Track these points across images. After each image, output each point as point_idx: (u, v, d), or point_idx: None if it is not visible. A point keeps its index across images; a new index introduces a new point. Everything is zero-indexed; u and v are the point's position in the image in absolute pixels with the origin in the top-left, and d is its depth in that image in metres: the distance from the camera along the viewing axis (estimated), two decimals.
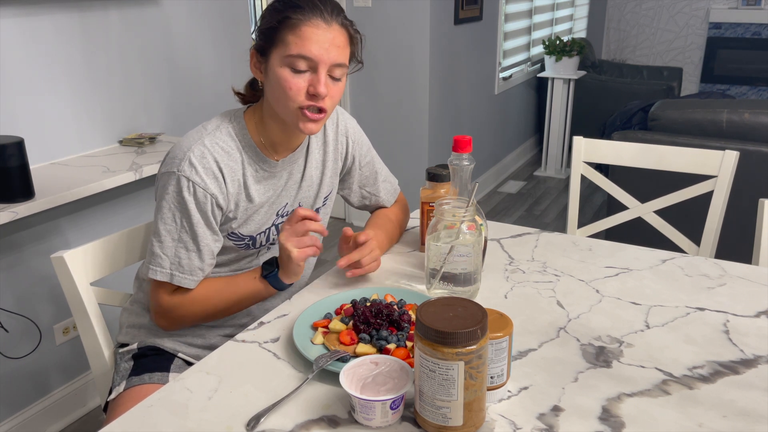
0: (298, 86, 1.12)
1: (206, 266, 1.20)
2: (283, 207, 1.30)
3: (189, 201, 1.15)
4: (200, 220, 1.17)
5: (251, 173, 1.23)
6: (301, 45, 1.10)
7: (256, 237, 1.28)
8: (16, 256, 1.93)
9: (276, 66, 1.13)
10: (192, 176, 1.15)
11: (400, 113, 3.52)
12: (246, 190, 1.23)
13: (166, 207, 1.16)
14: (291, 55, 1.11)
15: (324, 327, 1.07)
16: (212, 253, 1.20)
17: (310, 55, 1.10)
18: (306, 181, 1.32)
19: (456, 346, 0.78)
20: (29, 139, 1.89)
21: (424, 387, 0.81)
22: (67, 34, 2.01)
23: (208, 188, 1.16)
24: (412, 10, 3.30)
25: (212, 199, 1.17)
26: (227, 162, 1.19)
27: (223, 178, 1.18)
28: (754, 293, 1.21)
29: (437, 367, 0.79)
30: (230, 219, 1.22)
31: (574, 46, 4.38)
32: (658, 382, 0.93)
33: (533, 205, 4.19)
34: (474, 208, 1.11)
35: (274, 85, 1.14)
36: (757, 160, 2.43)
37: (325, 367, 0.95)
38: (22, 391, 2.00)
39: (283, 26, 1.11)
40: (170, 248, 1.17)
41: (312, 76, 1.13)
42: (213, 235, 1.20)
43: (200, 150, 1.16)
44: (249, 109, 1.25)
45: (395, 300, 1.15)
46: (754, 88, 5.98)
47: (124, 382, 1.25)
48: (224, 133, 1.21)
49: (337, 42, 1.13)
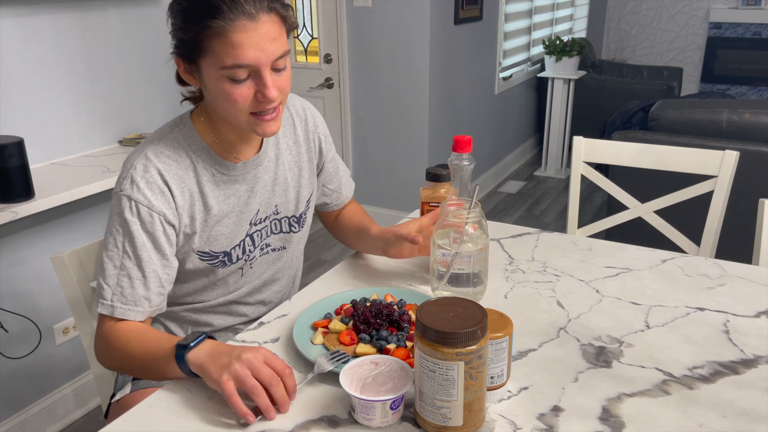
0: (244, 95, 1.02)
1: (153, 295, 1.08)
2: (255, 214, 1.19)
3: (132, 222, 1.05)
4: (146, 243, 1.06)
5: (207, 178, 1.12)
6: (234, 55, 0.98)
7: (231, 252, 1.18)
8: (16, 256, 1.93)
9: (211, 77, 1.02)
10: (134, 194, 1.05)
11: (400, 113, 3.52)
12: (203, 199, 1.12)
13: (109, 232, 1.07)
14: (226, 66, 0.99)
15: (324, 327, 1.07)
16: (159, 281, 1.08)
17: (247, 62, 0.98)
18: (279, 185, 1.22)
19: (456, 346, 0.78)
20: (29, 139, 1.89)
21: (424, 387, 0.81)
22: (67, 34, 2.01)
23: (154, 206, 1.06)
24: (412, 10, 3.30)
25: (160, 218, 1.06)
26: (175, 171, 1.09)
27: (170, 191, 1.08)
28: (754, 293, 1.21)
29: (437, 367, 0.79)
30: (190, 235, 1.12)
31: (574, 46, 4.38)
32: (658, 382, 0.93)
33: (533, 205, 4.19)
34: (480, 210, 1.10)
35: (216, 96, 1.04)
36: (757, 160, 2.43)
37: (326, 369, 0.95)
38: (22, 391, 2.00)
39: (205, 36, 0.98)
40: (112, 277, 1.05)
41: (255, 81, 1.02)
42: (162, 260, 1.08)
43: (142, 164, 1.07)
44: (197, 108, 1.15)
45: (395, 300, 1.15)
46: (754, 88, 5.98)
47: (130, 384, 1.23)
48: (170, 140, 1.11)
49: (271, 34, 1.00)
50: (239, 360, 0.87)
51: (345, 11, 3.44)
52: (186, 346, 0.92)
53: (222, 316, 1.27)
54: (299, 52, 3.76)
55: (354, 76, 3.57)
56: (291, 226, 1.28)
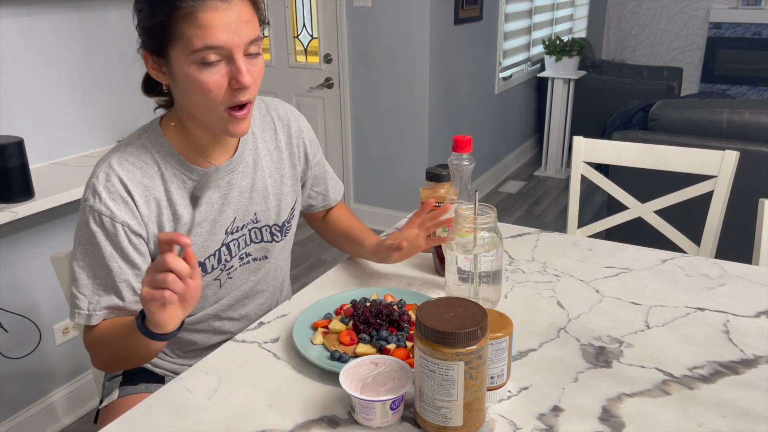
0: (217, 83, 0.96)
1: (129, 304, 1.06)
2: (231, 223, 1.14)
3: (97, 233, 1.02)
4: (113, 254, 1.03)
5: (177, 185, 1.08)
6: (203, 36, 0.93)
7: (205, 262, 1.12)
8: (16, 256, 1.93)
9: (182, 66, 0.96)
10: (96, 205, 1.01)
11: (400, 113, 3.52)
12: (171, 207, 1.07)
13: (77, 242, 1.04)
14: (196, 50, 0.93)
15: (324, 327, 1.07)
16: (133, 290, 1.05)
17: (219, 43, 0.93)
18: (258, 192, 1.17)
19: (456, 346, 0.78)
20: (29, 139, 1.89)
21: (424, 387, 0.81)
22: (67, 34, 2.01)
23: (116, 216, 1.02)
24: (412, 10, 3.30)
25: (123, 228, 1.02)
26: (139, 179, 1.04)
27: (133, 200, 1.03)
28: (754, 293, 1.21)
29: (437, 367, 0.79)
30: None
31: (574, 46, 4.38)
32: (658, 382, 0.93)
33: (533, 205, 4.19)
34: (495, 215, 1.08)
35: (187, 89, 0.98)
36: (757, 160, 2.43)
37: (325, 367, 0.96)
38: (22, 391, 2.00)
39: (174, 19, 0.93)
40: (87, 287, 1.03)
41: (229, 66, 0.96)
42: (132, 269, 1.04)
43: (105, 173, 1.03)
44: (165, 115, 1.11)
45: (395, 300, 1.15)
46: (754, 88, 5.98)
47: (117, 390, 1.21)
48: (136, 147, 1.06)
49: (243, 17, 0.95)
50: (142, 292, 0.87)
51: (345, 11, 3.44)
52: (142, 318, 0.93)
53: (205, 334, 1.23)
54: (299, 52, 3.76)
55: (354, 76, 3.57)
56: (273, 234, 1.22)
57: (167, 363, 1.26)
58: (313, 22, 3.64)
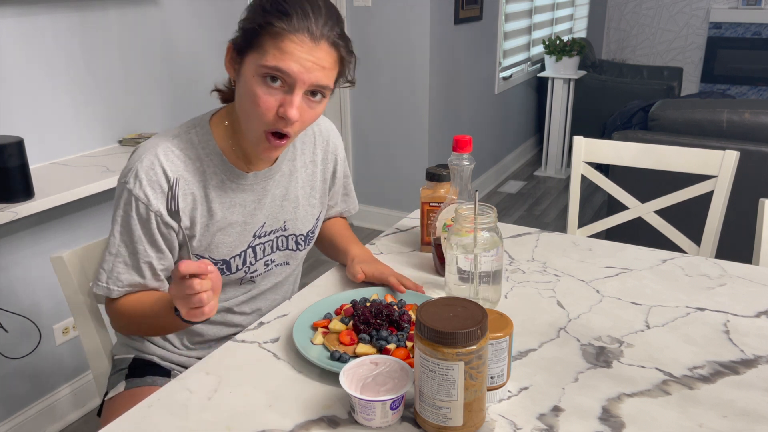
0: (268, 104, 1.00)
1: (148, 281, 1.11)
2: (260, 227, 1.19)
3: (131, 216, 1.07)
4: (142, 237, 1.08)
5: (215, 184, 1.12)
6: (279, 58, 0.97)
7: (230, 261, 1.17)
8: (16, 256, 1.93)
9: (249, 73, 1.01)
10: (135, 190, 1.06)
11: (400, 113, 3.52)
12: (207, 203, 1.12)
13: (112, 219, 1.10)
14: (267, 65, 0.98)
15: (324, 327, 1.07)
16: (154, 270, 1.11)
17: (288, 70, 0.97)
18: (290, 201, 1.22)
19: (456, 346, 0.78)
20: (29, 139, 1.89)
21: (424, 387, 0.81)
22: (67, 34, 2.01)
23: (151, 205, 1.06)
24: (412, 10, 3.30)
25: (156, 217, 1.07)
26: (181, 172, 1.08)
27: (172, 192, 1.07)
28: (754, 293, 1.21)
29: (437, 367, 0.79)
30: (189, 237, 1.12)
31: (574, 46, 4.38)
32: (658, 382, 0.93)
33: (533, 205, 4.19)
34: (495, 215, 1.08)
35: (244, 94, 1.03)
36: (757, 160, 2.43)
37: (325, 367, 0.96)
38: (22, 391, 2.00)
39: (264, 31, 0.98)
40: (108, 262, 1.10)
41: (285, 95, 1.00)
42: (157, 252, 1.10)
43: (150, 160, 1.07)
44: (221, 111, 1.15)
45: (395, 300, 1.15)
46: (754, 88, 5.98)
47: (124, 382, 1.23)
48: (183, 140, 1.10)
49: (322, 63, 1.00)
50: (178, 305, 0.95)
51: (345, 11, 3.44)
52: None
53: (217, 326, 1.26)
54: None
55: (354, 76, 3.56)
56: (297, 243, 1.27)
57: (174, 356, 1.27)
58: None
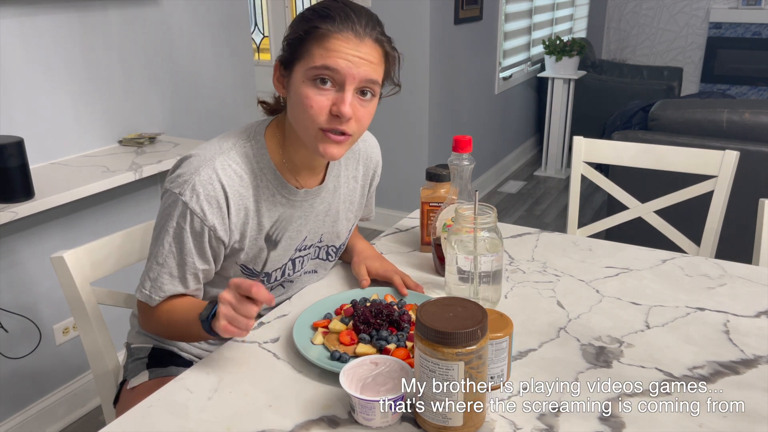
0: (320, 104, 1.01)
1: (191, 291, 1.12)
2: (302, 241, 1.20)
3: (185, 229, 1.06)
4: (192, 250, 1.07)
5: (267, 198, 1.12)
6: (326, 56, 0.99)
7: (272, 273, 1.19)
8: (16, 256, 1.93)
9: (299, 80, 1.02)
10: (192, 204, 1.05)
11: (400, 113, 3.52)
12: (258, 218, 1.12)
13: (160, 227, 1.09)
14: (315, 66, 1.00)
15: (324, 327, 1.07)
16: (198, 279, 1.12)
17: (336, 66, 0.99)
18: (331, 216, 1.23)
19: (456, 346, 0.78)
20: (29, 139, 1.89)
21: (424, 387, 0.81)
22: (67, 34, 2.01)
23: (207, 220, 1.05)
24: (412, 10, 3.30)
25: (210, 232, 1.07)
26: (237, 188, 1.08)
27: (228, 206, 1.07)
28: (754, 293, 1.21)
29: (437, 367, 0.79)
30: (237, 250, 1.13)
31: (574, 46, 4.38)
32: (658, 382, 0.93)
33: (533, 205, 4.19)
34: (495, 215, 1.08)
35: (295, 102, 1.04)
36: (757, 160, 2.43)
37: (325, 367, 0.96)
38: (22, 391, 2.00)
39: (310, 37, 1.01)
40: (153, 271, 1.09)
41: (337, 94, 1.01)
42: (204, 264, 1.10)
43: (208, 174, 1.05)
44: (272, 123, 1.15)
45: (395, 300, 1.15)
46: (754, 88, 5.97)
47: (146, 372, 1.22)
48: (239, 153, 1.09)
49: (369, 58, 1.02)
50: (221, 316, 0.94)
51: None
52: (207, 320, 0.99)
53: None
54: None
55: None
56: (328, 254, 1.28)
57: (195, 349, 1.28)
58: None
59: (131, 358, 1.29)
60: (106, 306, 1.34)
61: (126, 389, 1.24)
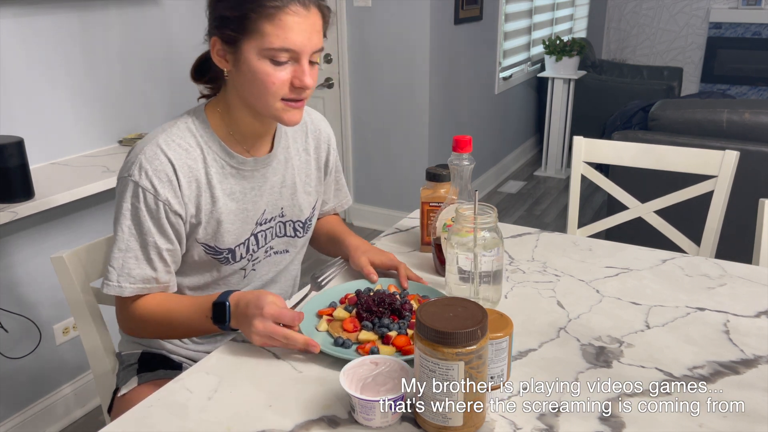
0: (281, 80, 1.04)
1: (160, 274, 1.11)
2: (262, 214, 1.21)
3: (140, 209, 1.07)
4: (151, 228, 1.08)
5: (216, 170, 1.13)
6: (283, 37, 1.01)
7: (235, 249, 1.18)
8: (16, 256, 1.92)
9: (252, 59, 1.03)
10: (142, 181, 1.06)
11: (400, 113, 3.52)
12: (210, 190, 1.13)
13: (116, 215, 1.09)
14: (273, 48, 1.01)
15: (328, 315, 1.11)
16: (165, 262, 1.11)
17: (294, 47, 1.02)
18: (287, 188, 1.24)
19: (456, 346, 0.78)
20: (29, 139, 1.89)
21: (424, 387, 0.81)
22: (67, 34, 2.01)
23: (159, 194, 1.06)
24: (412, 10, 3.30)
25: (165, 206, 1.07)
26: (184, 160, 1.09)
27: (178, 180, 1.08)
28: (754, 293, 1.21)
29: (437, 367, 0.79)
30: (195, 225, 1.13)
31: (574, 46, 4.38)
32: (658, 382, 0.93)
33: (533, 205, 4.19)
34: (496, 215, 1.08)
35: (251, 79, 1.05)
36: (757, 160, 2.43)
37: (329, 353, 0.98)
38: (22, 391, 2.00)
39: (258, 15, 1.01)
40: (117, 260, 1.08)
41: (294, 66, 1.05)
42: (167, 243, 1.10)
43: (152, 150, 1.07)
44: (211, 101, 1.17)
45: (398, 290, 1.17)
46: (754, 88, 5.97)
47: (136, 378, 1.23)
48: (182, 129, 1.12)
49: (316, 27, 1.05)
50: (254, 332, 0.98)
51: (345, 11, 3.44)
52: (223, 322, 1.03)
53: None
54: None
55: (354, 76, 3.57)
56: (296, 230, 1.29)
57: (183, 350, 1.28)
58: None
59: (122, 366, 1.29)
60: (106, 306, 1.34)
61: (117, 397, 1.24)
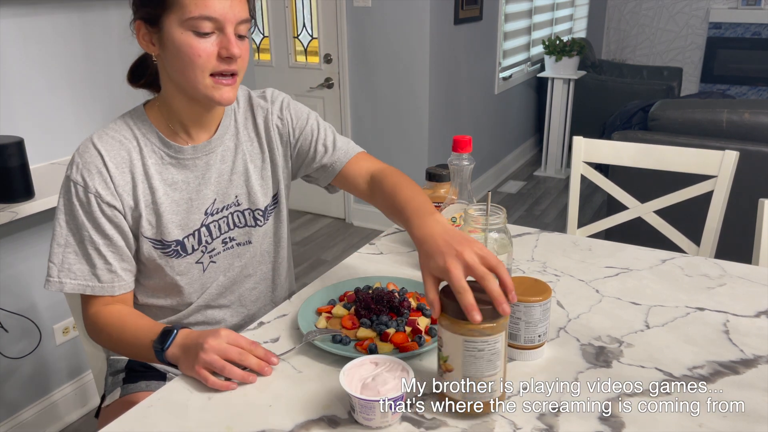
0: (207, 51, 1.01)
1: (102, 273, 1.08)
2: (211, 204, 1.17)
3: (73, 203, 1.07)
4: (85, 223, 1.07)
5: (155, 161, 1.12)
6: (202, 5, 0.99)
7: (184, 241, 1.14)
8: (16, 256, 1.93)
9: (175, 33, 1.01)
10: (73, 176, 1.07)
11: (400, 113, 3.52)
12: (148, 181, 1.11)
13: (56, 211, 1.09)
14: (192, 17, 0.99)
15: (327, 312, 1.11)
16: (105, 259, 1.08)
17: (215, 14, 1.00)
18: (239, 175, 1.19)
19: (500, 317, 0.81)
20: (29, 139, 1.89)
21: (470, 371, 0.83)
22: (67, 34, 2.01)
23: (89, 187, 1.06)
24: (412, 10, 3.30)
25: (96, 198, 1.06)
26: (117, 151, 1.08)
27: (108, 171, 1.07)
28: (754, 293, 1.21)
29: (486, 344, 0.81)
30: (137, 218, 1.11)
31: (574, 46, 4.39)
32: (658, 382, 0.93)
33: (533, 205, 4.19)
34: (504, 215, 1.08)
35: (177, 55, 1.02)
36: (757, 160, 2.43)
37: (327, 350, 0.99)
38: (22, 391, 2.00)
39: None
40: (57, 255, 1.07)
41: (220, 37, 1.02)
42: (104, 239, 1.08)
43: (84, 145, 1.08)
44: (149, 100, 1.18)
45: (397, 288, 1.17)
46: (754, 88, 5.98)
47: (119, 389, 1.21)
48: (119, 123, 1.13)
49: None
50: (203, 349, 0.93)
51: (345, 11, 3.44)
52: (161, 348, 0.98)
53: (200, 326, 1.23)
54: (299, 52, 3.76)
55: (354, 76, 3.57)
56: (256, 219, 1.23)
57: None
58: (313, 23, 3.65)
59: (109, 371, 1.28)
60: None
61: (102, 407, 1.24)
